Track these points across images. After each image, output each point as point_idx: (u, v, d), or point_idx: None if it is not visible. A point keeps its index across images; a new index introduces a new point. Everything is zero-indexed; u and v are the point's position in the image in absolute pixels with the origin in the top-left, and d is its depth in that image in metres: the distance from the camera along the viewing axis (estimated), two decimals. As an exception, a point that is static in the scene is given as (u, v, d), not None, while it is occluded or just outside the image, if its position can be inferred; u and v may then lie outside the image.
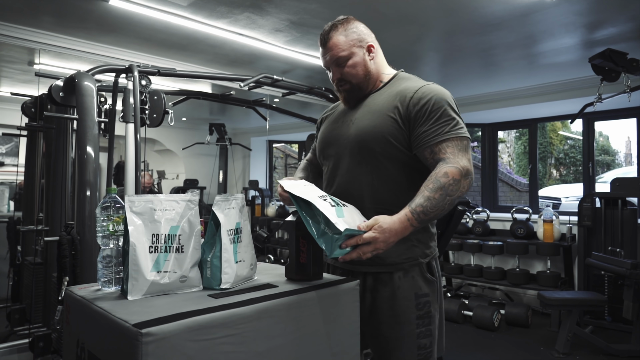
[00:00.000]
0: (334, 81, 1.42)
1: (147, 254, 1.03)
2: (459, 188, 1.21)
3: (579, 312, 3.40)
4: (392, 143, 1.31)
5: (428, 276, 1.35)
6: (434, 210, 1.18)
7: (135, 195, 1.06)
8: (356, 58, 1.38)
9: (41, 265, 2.69)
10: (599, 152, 10.02)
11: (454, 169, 1.21)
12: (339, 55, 1.37)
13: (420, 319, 1.32)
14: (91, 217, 1.94)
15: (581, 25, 2.91)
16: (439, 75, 4.25)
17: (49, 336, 2.24)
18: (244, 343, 0.94)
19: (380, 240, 1.11)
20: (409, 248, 1.33)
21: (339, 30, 1.39)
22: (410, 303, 1.31)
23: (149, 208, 1.05)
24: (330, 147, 1.45)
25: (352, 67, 1.38)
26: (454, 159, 1.24)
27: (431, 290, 1.35)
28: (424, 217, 1.17)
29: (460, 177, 1.21)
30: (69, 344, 1.09)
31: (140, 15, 2.77)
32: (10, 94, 3.56)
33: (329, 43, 1.38)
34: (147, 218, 1.05)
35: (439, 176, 1.20)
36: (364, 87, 1.41)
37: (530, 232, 4.25)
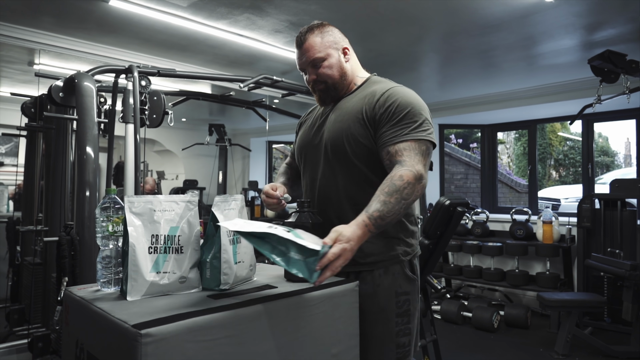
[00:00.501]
0: (309, 82, 1.44)
1: (147, 254, 1.03)
2: (413, 192, 1.19)
3: (578, 313, 3.40)
4: (362, 143, 1.32)
5: (409, 274, 1.37)
6: (390, 215, 1.16)
7: (135, 196, 1.06)
8: (332, 59, 1.40)
9: (40, 265, 2.69)
10: (599, 153, 10.02)
11: (409, 172, 1.20)
12: (315, 57, 1.39)
13: (399, 317, 1.33)
14: (90, 218, 1.94)
15: (580, 26, 2.91)
16: (439, 76, 4.25)
17: (48, 336, 2.24)
18: (244, 344, 0.94)
19: (348, 250, 1.07)
20: (390, 246, 1.34)
21: (314, 33, 1.41)
22: (391, 301, 1.32)
23: (149, 209, 1.06)
24: (307, 152, 1.47)
25: (328, 68, 1.40)
26: (410, 162, 1.22)
27: (411, 289, 1.37)
28: (380, 222, 1.15)
29: (414, 181, 1.19)
30: (68, 345, 1.09)
31: (140, 15, 2.77)
32: (10, 94, 3.56)
33: (304, 44, 1.40)
34: (147, 219, 1.05)
35: (395, 179, 1.19)
36: (339, 88, 1.43)
37: (529, 233, 4.25)
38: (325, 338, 1.12)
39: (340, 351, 1.16)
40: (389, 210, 1.16)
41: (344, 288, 1.20)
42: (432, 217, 2.35)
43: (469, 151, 8.25)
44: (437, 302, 4.27)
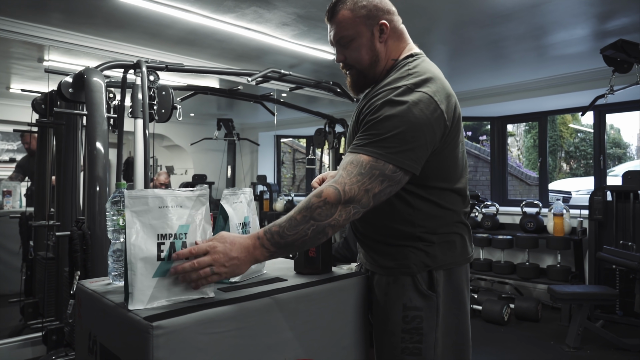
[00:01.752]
0: (337, 62, 1.25)
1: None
2: (330, 215, 0.99)
3: (589, 306, 3.37)
4: None
5: (423, 289, 1.15)
6: (293, 235, 0.98)
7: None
8: (362, 39, 1.17)
9: (53, 259, 2.72)
10: (610, 145, 9.89)
11: (331, 190, 0.99)
12: (342, 35, 1.18)
13: (406, 333, 1.15)
14: (101, 212, 1.95)
15: (592, 15, 2.86)
16: (448, 68, 4.21)
17: (62, 329, 2.27)
18: (254, 336, 0.95)
19: (219, 249, 0.94)
20: (403, 252, 1.17)
21: (347, 4, 1.17)
22: (396, 313, 1.16)
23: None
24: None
25: (356, 50, 1.18)
26: (344, 179, 1.01)
27: (425, 305, 1.15)
28: (278, 239, 0.98)
29: (336, 202, 0.99)
30: (81, 337, 1.11)
31: (148, 10, 2.77)
32: (21, 91, 3.59)
33: (334, 17, 1.19)
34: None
35: (313, 195, 1.01)
36: (370, 75, 1.21)
37: (540, 226, 4.21)
38: (336, 330, 1.13)
39: (350, 343, 1.16)
40: (291, 228, 0.98)
41: (354, 281, 1.20)
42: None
43: (478, 144, 8.19)
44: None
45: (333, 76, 4.38)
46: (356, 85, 1.24)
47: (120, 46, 3.41)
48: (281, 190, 7.20)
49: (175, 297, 0.94)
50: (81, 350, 1.11)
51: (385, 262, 1.20)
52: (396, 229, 1.17)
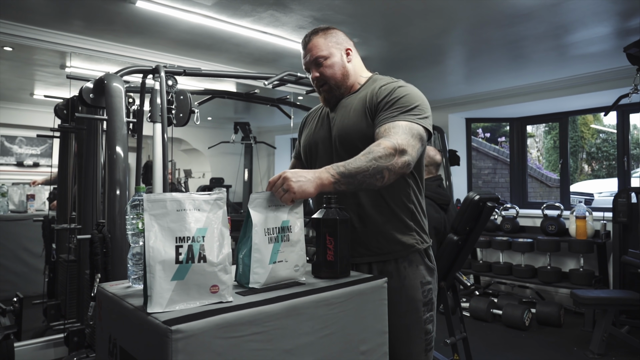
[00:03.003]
0: (313, 81, 1.48)
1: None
2: (390, 160, 1.19)
3: (614, 311, 3.28)
4: (370, 135, 1.35)
5: (429, 264, 1.45)
6: (356, 168, 1.16)
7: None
8: (334, 58, 1.45)
9: (74, 262, 2.77)
10: (634, 145, 9.63)
11: (388, 142, 1.21)
12: (317, 55, 1.44)
13: (425, 306, 1.41)
14: (121, 216, 1.98)
15: (615, 13, 2.79)
16: (465, 69, 4.16)
17: (83, 331, 2.30)
18: (272, 341, 0.94)
19: (289, 176, 1.10)
20: (404, 235, 1.41)
21: (319, 34, 1.46)
22: (417, 291, 1.40)
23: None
24: (315, 150, 1.51)
25: (330, 67, 1.44)
26: (394, 136, 1.24)
27: (432, 279, 1.46)
28: (342, 170, 1.16)
29: (393, 151, 1.20)
30: (102, 339, 1.12)
31: (166, 16, 2.81)
32: (44, 97, 3.68)
33: (309, 44, 1.46)
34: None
35: (373, 146, 1.21)
36: (342, 88, 1.47)
37: (561, 229, 4.13)
38: (354, 335, 1.11)
39: (369, 349, 1.15)
40: (354, 162, 1.17)
41: (373, 284, 1.18)
42: (461, 212, 2.30)
43: (497, 145, 8.07)
44: (465, 299, 4.19)
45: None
46: (331, 98, 1.49)
47: (139, 52, 3.46)
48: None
49: (193, 301, 0.94)
50: (102, 352, 1.12)
51: (392, 247, 1.40)
52: (404, 209, 1.41)
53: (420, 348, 1.39)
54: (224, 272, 0.98)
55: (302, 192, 1.11)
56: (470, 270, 4.60)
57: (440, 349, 2.64)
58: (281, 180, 1.11)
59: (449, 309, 2.36)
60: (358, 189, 1.21)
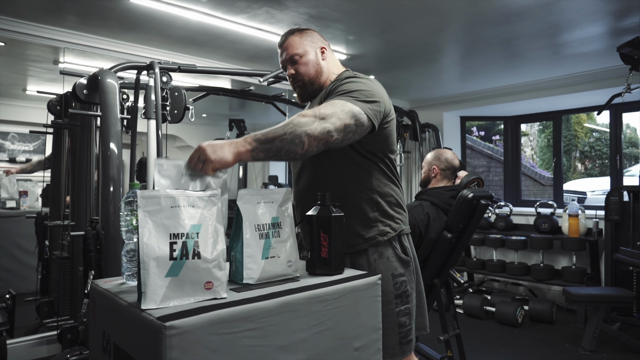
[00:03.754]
0: (289, 78, 1.55)
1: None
2: (309, 126, 1.19)
3: (606, 308, 3.31)
4: None
5: (403, 257, 1.47)
6: (273, 133, 1.16)
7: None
8: (308, 56, 1.51)
9: (68, 259, 2.76)
10: (627, 144, 9.71)
11: (309, 112, 1.24)
12: (293, 53, 1.51)
13: (398, 298, 1.43)
14: (115, 212, 1.97)
15: (609, 12, 2.81)
16: (460, 67, 4.18)
17: (76, 328, 2.29)
18: (266, 337, 0.94)
19: (204, 146, 1.10)
20: (366, 228, 1.44)
21: (294, 34, 1.54)
22: (388, 284, 1.42)
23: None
24: None
25: (305, 65, 1.51)
26: (319, 109, 1.25)
27: (406, 270, 1.47)
28: (260, 136, 1.16)
29: (313, 118, 1.21)
30: (95, 336, 1.11)
31: (161, 12, 2.79)
32: (37, 93, 3.64)
33: (285, 43, 1.54)
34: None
35: (295, 116, 1.24)
36: (315, 84, 1.53)
37: (554, 227, 4.16)
38: (348, 332, 1.12)
39: (363, 345, 1.16)
40: (272, 129, 1.18)
41: (367, 281, 1.19)
42: (455, 210, 2.31)
43: (491, 144, 8.10)
44: (459, 297, 4.22)
45: (344, 76, 4.37)
46: (304, 94, 1.55)
47: (134, 48, 3.44)
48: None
49: (187, 297, 0.94)
50: (95, 349, 1.11)
51: (357, 239, 1.44)
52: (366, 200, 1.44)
53: (393, 341, 1.41)
54: (219, 268, 0.98)
55: (220, 159, 1.10)
56: (464, 268, 4.63)
57: (434, 345, 2.66)
58: (197, 152, 1.10)
59: (442, 306, 2.38)
60: (278, 156, 1.20)
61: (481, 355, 3.13)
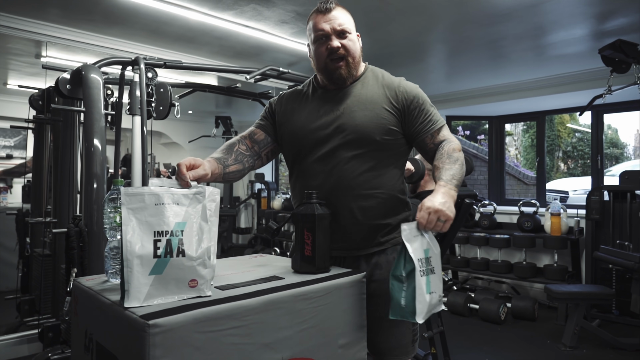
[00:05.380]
0: (329, 50, 1.34)
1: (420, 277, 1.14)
2: (462, 158, 1.37)
3: (586, 305, 3.38)
4: (393, 132, 1.38)
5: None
6: (459, 176, 1.31)
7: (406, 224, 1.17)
8: (354, 36, 1.41)
9: (50, 257, 2.72)
10: (608, 145, 9.90)
11: (456, 144, 1.39)
12: (345, 26, 1.36)
13: None
14: (98, 209, 1.95)
15: (591, 15, 2.86)
16: (446, 67, 4.21)
17: (58, 327, 2.26)
18: (251, 335, 0.95)
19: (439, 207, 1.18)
20: (393, 229, 1.41)
21: (343, 9, 1.40)
22: None
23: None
24: (311, 138, 1.38)
25: (353, 42, 1.38)
26: (451, 138, 1.42)
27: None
28: (455, 182, 1.29)
29: (461, 150, 1.39)
30: (78, 335, 1.10)
31: (146, 7, 2.76)
32: (18, 87, 3.58)
33: (334, 12, 1.36)
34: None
35: (450, 152, 1.35)
36: (356, 69, 1.41)
37: (537, 226, 4.22)
38: (333, 329, 1.13)
39: (348, 342, 1.16)
40: (456, 173, 1.31)
41: (352, 279, 1.20)
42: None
43: (476, 143, 8.19)
44: (443, 294, 4.26)
45: (332, 74, 4.37)
46: (347, 77, 1.39)
47: (119, 43, 3.39)
48: (279, 188, 7.19)
49: (171, 295, 0.93)
50: (77, 347, 1.10)
51: (387, 238, 1.40)
52: (400, 199, 1.43)
53: (408, 339, 1.41)
54: (203, 266, 0.98)
55: (452, 212, 1.20)
56: (448, 266, 4.67)
57: (418, 342, 2.68)
58: (434, 213, 1.17)
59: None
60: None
61: (464, 352, 3.18)
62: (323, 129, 1.37)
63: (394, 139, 1.39)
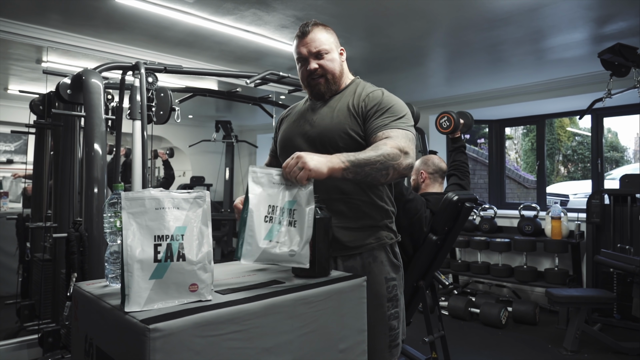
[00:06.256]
0: (308, 72, 1.47)
1: (262, 222, 1.09)
2: (397, 159, 1.25)
3: (587, 309, 3.37)
4: (352, 136, 1.41)
5: (395, 261, 1.50)
6: (365, 158, 1.21)
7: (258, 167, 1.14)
8: (334, 54, 1.48)
9: (50, 261, 2.71)
10: (608, 148, 9.91)
11: (394, 143, 1.28)
12: (320, 48, 1.45)
13: (389, 302, 1.45)
14: (99, 214, 1.95)
15: (590, 19, 2.87)
16: (446, 72, 4.22)
17: (58, 332, 2.26)
18: (251, 339, 0.94)
19: (303, 155, 1.13)
20: (374, 231, 1.46)
21: (320, 28, 1.47)
22: (382, 287, 1.44)
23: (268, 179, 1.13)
24: (291, 144, 1.51)
25: (330, 62, 1.46)
26: (396, 142, 1.30)
27: (397, 275, 1.50)
28: (352, 158, 1.20)
29: (399, 152, 1.27)
30: (78, 340, 1.10)
31: (147, 12, 2.77)
32: (19, 92, 3.58)
33: (311, 35, 1.45)
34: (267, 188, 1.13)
35: (381, 144, 1.29)
36: (336, 84, 1.50)
37: (538, 229, 4.22)
38: (333, 334, 1.12)
39: (348, 347, 1.16)
40: (366, 158, 1.21)
41: (352, 283, 1.19)
42: (440, 212, 2.33)
43: (476, 147, 8.20)
44: (444, 298, 4.25)
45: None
46: (325, 91, 1.49)
47: (119, 48, 3.40)
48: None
49: (172, 300, 0.93)
50: (77, 352, 1.10)
51: (360, 242, 1.44)
52: (380, 206, 1.47)
53: (383, 344, 1.42)
54: (204, 270, 0.97)
55: (317, 170, 1.13)
56: (449, 270, 4.66)
57: (419, 347, 2.67)
58: (295, 159, 1.13)
59: (427, 308, 2.39)
60: (363, 180, 1.25)
61: (465, 356, 3.16)
62: (297, 136, 1.51)
63: (356, 143, 1.41)
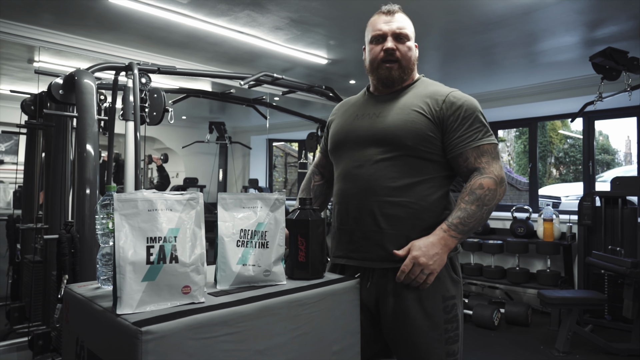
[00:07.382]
0: (384, 51, 1.33)
1: (235, 247, 1.10)
2: (495, 196, 1.24)
3: (578, 311, 3.39)
4: (423, 137, 1.27)
5: (454, 276, 1.30)
6: (472, 221, 1.22)
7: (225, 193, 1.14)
8: (412, 44, 1.39)
9: (40, 263, 2.69)
10: (599, 151, 10.00)
11: (488, 180, 1.25)
12: (405, 31, 1.36)
13: (448, 323, 1.27)
14: (90, 215, 1.93)
15: (582, 23, 2.90)
16: (439, 74, 4.24)
17: (49, 334, 2.23)
18: (244, 341, 0.94)
19: (421, 259, 1.16)
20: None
21: (405, 15, 1.40)
22: (438, 306, 1.25)
23: (239, 203, 1.14)
24: (345, 139, 1.38)
25: (409, 49, 1.36)
26: (489, 168, 1.26)
27: (457, 292, 1.31)
28: (462, 228, 1.21)
29: (495, 187, 1.25)
30: (69, 342, 1.09)
31: (140, 12, 2.76)
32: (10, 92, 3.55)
33: (397, 15, 1.37)
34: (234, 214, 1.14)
35: (474, 188, 1.24)
36: (407, 75, 1.38)
37: (530, 231, 4.25)
38: (327, 336, 1.12)
39: (341, 349, 1.16)
40: (469, 216, 1.22)
41: (345, 285, 1.19)
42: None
43: (469, 149, 8.22)
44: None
45: (325, 80, 4.39)
46: (396, 79, 1.36)
47: (112, 48, 3.39)
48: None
49: (164, 302, 0.92)
50: (68, 355, 1.09)
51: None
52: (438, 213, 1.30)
53: None
54: (196, 272, 0.97)
55: (440, 266, 1.17)
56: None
57: None
58: (416, 266, 1.16)
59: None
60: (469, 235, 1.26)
61: (458, 357, 3.17)
62: (358, 130, 1.37)
63: (431, 147, 1.28)
